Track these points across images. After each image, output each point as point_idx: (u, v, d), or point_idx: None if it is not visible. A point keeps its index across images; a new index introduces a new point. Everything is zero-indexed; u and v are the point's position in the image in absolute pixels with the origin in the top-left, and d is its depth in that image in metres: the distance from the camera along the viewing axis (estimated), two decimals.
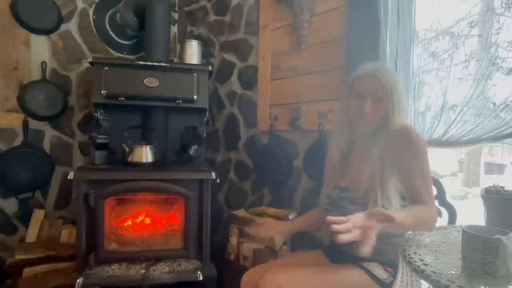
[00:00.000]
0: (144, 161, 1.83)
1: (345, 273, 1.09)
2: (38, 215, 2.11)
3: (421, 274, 0.75)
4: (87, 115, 2.33)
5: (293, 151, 1.94)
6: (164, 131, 2.13)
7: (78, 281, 1.55)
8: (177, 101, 1.93)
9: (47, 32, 2.24)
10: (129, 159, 1.83)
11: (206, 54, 2.52)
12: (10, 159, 2.11)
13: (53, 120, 2.26)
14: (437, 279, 0.70)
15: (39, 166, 2.19)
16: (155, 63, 1.93)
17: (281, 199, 2.01)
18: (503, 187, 0.98)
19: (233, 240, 1.93)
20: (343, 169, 1.24)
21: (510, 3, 1.14)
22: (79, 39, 2.35)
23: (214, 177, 1.75)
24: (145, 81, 1.88)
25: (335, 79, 1.69)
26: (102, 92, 1.84)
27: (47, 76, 2.22)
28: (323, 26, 1.77)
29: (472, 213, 1.41)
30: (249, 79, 2.24)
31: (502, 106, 1.14)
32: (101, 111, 1.87)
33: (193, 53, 2.26)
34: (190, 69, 1.99)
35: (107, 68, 1.86)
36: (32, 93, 2.14)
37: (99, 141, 1.77)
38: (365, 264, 1.10)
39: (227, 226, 2.07)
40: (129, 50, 2.49)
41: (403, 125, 1.08)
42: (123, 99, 1.87)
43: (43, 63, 2.19)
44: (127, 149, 1.86)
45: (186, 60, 2.25)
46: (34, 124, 2.20)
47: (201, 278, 1.67)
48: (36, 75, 2.20)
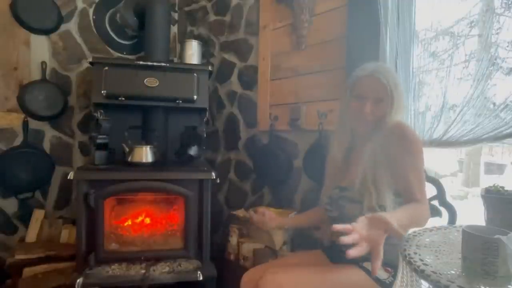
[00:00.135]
0: (144, 161, 1.83)
1: (345, 273, 1.09)
2: (38, 215, 2.11)
3: (421, 274, 0.75)
4: (87, 115, 2.33)
5: (293, 151, 1.94)
6: (164, 131, 2.13)
7: (78, 281, 1.55)
8: (177, 101, 1.93)
9: (47, 32, 2.24)
10: (129, 159, 1.83)
11: (206, 54, 2.52)
12: (10, 159, 2.11)
13: (53, 120, 2.26)
14: (437, 279, 0.70)
15: (39, 166, 2.19)
16: (155, 63, 1.93)
17: (281, 199, 2.01)
18: (503, 187, 0.98)
19: (233, 240, 1.93)
20: (345, 169, 1.24)
21: (510, 3, 1.14)
22: (79, 39, 2.35)
23: (214, 177, 1.76)
24: (145, 81, 1.88)
25: (335, 79, 1.69)
26: (102, 92, 1.84)
27: (47, 76, 2.22)
28: (323, 26, 1.77)
29: (472, 213, 1.41)
30: (249, 79, 2.24)
31: (502, 106, 1.14)
32: (101, 111, 1.87)
33: (193, 53, 2.26)
34: (190, 69, 1.99)
35: (107, 68, 1.86)
36: (32, 93, 2.14)
37: (99, 141, 1.77)
38: (365, 264, 1.10)
39: (227, 226, 2.07)
40: (129, 50, 2.49)
41: (397, 122, 1.09)
42: (123, 99, 1.87)
43: (43, 63, 2.19)
44: (127, 149, 1.86)
45: (186, 60, 2.25)
46: (34, 124, 2.20)
47: (201, 278, 1.67)
48: (36, 75, 2.20)
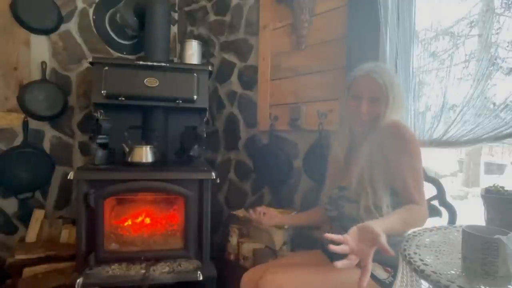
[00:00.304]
0: (144, 161, 1.83)
1: (345, 273, 1.08)
2: (38, 215, 2.11)
3: (421, 274, 0.75)
4: (87, 115, 2.33)
5: (293, 151, 1.94)
6: (164, 131, 2.13)
7: (78, 281, 1.55)
8: (177, 101, 1.93)
9: (47, 32, 2.24)
10: (129, 159, 1.83)
11: (206, 54, 2.52)
12: (10, 159, 2.11)
13: (53, 120, 2.26)
14: (437, 279, 0.70)
15: (39, 166, 2.18)
16: (155, 63, 1.93)
17: (281, 199, 2.01)
18: (503, 187, 0.98)
19: (233, 240, 1.94)
20: (345, 169, 1.24)
21: (510, 3, 1.14)
22: (79, 39, 2.35)
23: (214, 177, 1.75)
24: (145, 81, 1.88)
25: (335, 79, 1.69)
26: (102, 92, 1.84)
27: (47, 76, 2.22)
28: (323, 26, 1.77)
29: (472, 213, 1.41)
30: (249, 79, 2.24)
31: (502, 106, 1.14)
32: (101, 111, 1.87)
33: (193, 53, 2.26)
34: (190, 69, 1.99)
35: (107, 68, 1.86)
36: (32, 93, 2.14)
37: (99, 141, 1.77)
38: None
39: (227, 226, 2.07)
40: (129, 50, 2.49)
41: (393, 121, 1.08)
42: (123, 99, 1.87)
43: (43, 63, 2.19)
44: (127, 149, 1.86)
45: (186, 60, 2.25)
46: (34, 124, 2.20)
47: (201, 278, 1.66)
48: (36, 75, 2.20)
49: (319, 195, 1.33)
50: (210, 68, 2.04)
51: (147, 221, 1.95)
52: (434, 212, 1.21)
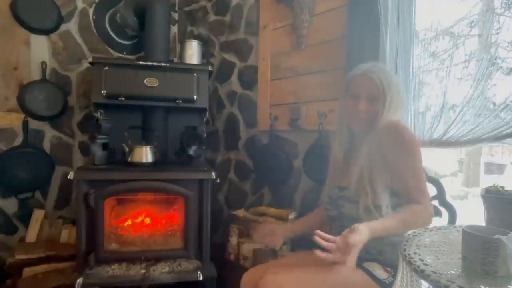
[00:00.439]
0: (144, 161, 1.83)
1: (345, 273, 1.09)
2: (38, 215, 2.11)
3: (421, 274, 0.75)
4: (87, 115, 2.33)
5: (293, 151, 1.94)
6: (164, 131, 2.13)
7: (78, 281, 1.55)
8: (177, 101, 1.93)
9: (47, 32, 2.24)
10: (129, 159, 1.83)
11: (206, 54, 2.52)
12: (10, 159, 2.11)
13: (53, 120, 2.26)
14: (437, 279, 0.70)
15: (39, 166, 2.18)
16: (155, 63, 1.93)
17: (281, 199, 2.01)
18: (503, 187, 0.98)
19: (233, 240, 1.94)
20: (345, 168, 1.24)
21: (510, 3, 1.14)
22: (79, 39, 2.35)
23: (214, 177, 1.76)
24: (145, 81, 1.88)
25: (335, 79, 1.69)
26: (102, 92, 1.84)
27: (47, 76, 2.21)
28: (323, 26, 1.77)
29: (472, 213, 1.41)
30: (249, 79, 2.24)
31: (502, 106, 1.14)
32: (101, 111, 1.87)
33: (193, 53, 2.26)
34: (190, 69, 1.99)
35: (107, 68, 1.86)
36: (32, 93, 2.14)
37: (99, 141, 1.77)
38: (365, 264, 1.10)
39: (227, 226, 2.07)
40: (129, 50, 2.49)
41: (393, 121, 1.08)
42: (123, 99, 1.87)
43: (43, 63, 2.19)
44: (127, 149, 1.86)
45: (186, 60, 2.25)
46: (34, 124, 2.20)
47: (201, 278, 1.67)
48: (36, 75, 2.20)
49: (319, 195, 1.33)
50: (210, 68, 2.04)
51: (147, 221, 1.95)
52: (434, 212, 1.21)
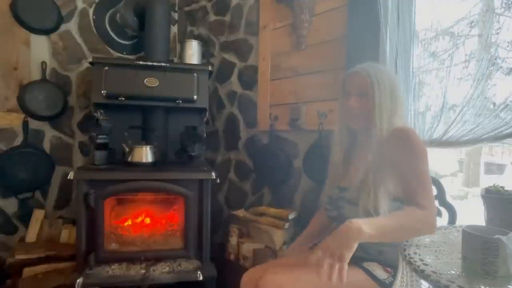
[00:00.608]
0: (144, 161, 1.83)
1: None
2: (38, 215, 2.11)
3: (421, 274, 0.75)
4: (87, 115, 2.33)
5: (293, 151, 1.94)
6: (164, 131, 2.13)
7: (78, 281, 1.55)
8: (177, 101, 1.93)
9: (47, 32, 2.24)
10: (129, 159, 1.83)
11: (206, 54, 2.52)
12: (10, 159, 2.11)
13: (53, 120, 2.26)
14: (437, 279, 0.70)
15: (39, 166, 2.19)
16: (155, 63, 1.93)
17: (281, 199, 2.01)
18: (503, 187, 0.98)
19: (233, 240, 1.94)
20: (344, 169, 1.24)
21: (510, 3, 1.14)
22: (79, 39, 2.35)
23: (214, 177, 1.76)
24: (145, 81, 1.88)
25: (335, 79, 1.69)
26: (102, 92, 1.84)
27: (47, 76, 2.21)
28: (323, 26, 1.77)
29: (472, 213, 1.41)
30: (249, 79, 2.24)
31: (502, 106, 1.14)
32: (101, 111, 1.87)
33: (193, 53, 2.26)
34: (190, 69, 1.99)
35: (107, 68, 1.86)
36: (32, 93, 2.14)
37: (99, 141, 1.77)
38: (365, 264, 1.10)
39: (227, 226, 2.07)
40: (129, 50, 2.49)
41: (402, 127, 1.07)
42: (123, 99, 1.87)
43: (43, 63, 2.19)
44: (127, 149, 1.86)
45: (186, 60, 2.25)
46: (34, 124, 2.20)
47: (201, 278, 1.67)
48: (36, 75, 2.20)
49: (319, 195, 1.33)
50: (210, 68, 2.04)
51: (147, 221, 1.95)
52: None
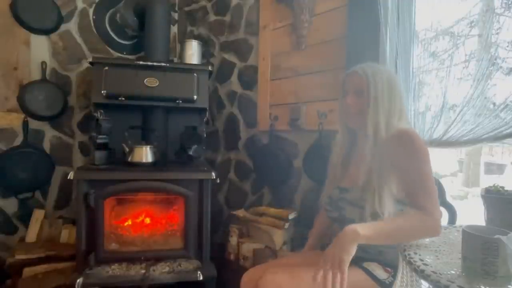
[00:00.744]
0: (144, 161, 1.83)
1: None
2: (38, 215, 2.11)
3: (421, 274, 0.75)
4: (87, 115, 2.33)
5: (293, 151, 1.94)
6: (164, 131, 2.13)
7: (78, 281, 1.55)
8: (177, 101, 1.93)
9: (47, 32, 2.24)
10: (129, 159, 1.83)
11: (206, 54, 2.52)
12: (10, 159, 2.10)
13: (53, 120, 2.26)
14: (437, 279, 0.70)
15: (39, 166, 2.18)
16: (155, 63, 1.93)
17: (281, 199, 2.01)
18: (503, 187, 0.98)
19: (233, 240, 1.94)
20: (344, 169, 1.24)
21: (510, 3, 1.14)
22: (79, 39, 2.35)
23: (214, 177, 1.76)
24: (145, 81, 1.88)
25: (335, 79, 1.69)
26: (102, 92, 1.84)
27: (47, 76, 2.21)
28: (323, 26, 1.77)
29: (472, 213, 1.41)
30: (249, 79, 2.24)
31: (502, 106, 1.14)
32: (101, 111, 1.88)
33: (193, 53, 2.26)
34: (190, 69, 1.99)
35: (107, 68, 1.86)
36: (32, 93, 2.14)
37: (99, 141, 1.77)
38: (365, 264, 1.10)
39: (227, 226, 2.07)
40: (129, 50, 2.49)
41: (405, 129, 1.06)
42: (123, 99, 1.87)
43: (43, 63, 2.19)
44: (127, 149, 1.86)
45: (186, 60, 2.25)
46: (34, 124, 2.20)
47: (201, 278, 1.67)
48: (36, 75, 2.20)
49: (319, 195, 1.33)
50: (210, 68, 2.04)
51: (147, 221, 1.95)
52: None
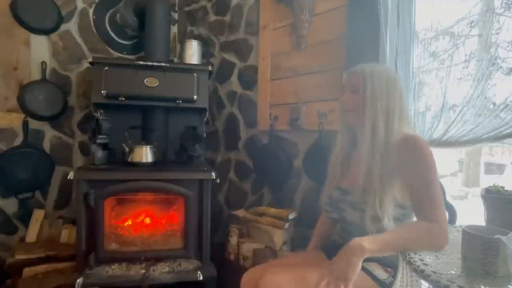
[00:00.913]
0: (144, 161, 1.83)
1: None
2: (38, 215, 2.11)
3: (421, 274, 0.75)
4: (87, 115, 2.33)
5: (293, 151, 1.94)
6: (164, 131, 2.13)
7: (78, 281, 1.55)
8: (177, 101, 1.93)
9: (47, 32, 2.24)
10: (129, 159, 1.83)
11: (206, 54, 2.52)
12: (10, 159, 2.11)
13: (53, 120, 2.26)
14: (437, 279, 0.70)
15: (39, 166, 2.18)
16: (155, 63, 1.93)
17: (281, 199, 2.01)
18: (503, 187, 0.98)
19: (233, 240, 1.94)
20: (344, 169, 1.23)
21: (510, 3, 1.14)
22: (79, 39, 2.35)
23: (214, 177, 1.76)
24: (145, 81, 1.88)
25: (335, 79, 1.69)
26: (102, 92, 1.84)
27: (47, 76, 2.22)
28: (323, 26, 1.77)
29: (472, 213, 1.41)
30: (249, 79, 2.24)
31: (502, 106, 1.14)
32: (101, 111, 1.87)
33: (193, 53, 2.26)
34: (190, 69, 1.99)
35: (107, 68, 1.86)
36: (32, 93, 2.14)
37: (99, 141, 1.77)
38: (365, 264, 1.09)
39: (227, 226, 2.07)
40: (129, 50, 2.49)
41: (412, 134, 1.06)
42: (123, 99, 1.87)
43: (43, 63, 2.19)
44: (127, 149, 1.86)
45: (186, 60, 2.25)
46: (34, 124, 2.20)
47: (201, 278, 1.67)
48: (36, 75, 2.20)
49: (319, 195, 1.33)
50: (210, 68, 2.04)
51: (147, 221, 1.95)
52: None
